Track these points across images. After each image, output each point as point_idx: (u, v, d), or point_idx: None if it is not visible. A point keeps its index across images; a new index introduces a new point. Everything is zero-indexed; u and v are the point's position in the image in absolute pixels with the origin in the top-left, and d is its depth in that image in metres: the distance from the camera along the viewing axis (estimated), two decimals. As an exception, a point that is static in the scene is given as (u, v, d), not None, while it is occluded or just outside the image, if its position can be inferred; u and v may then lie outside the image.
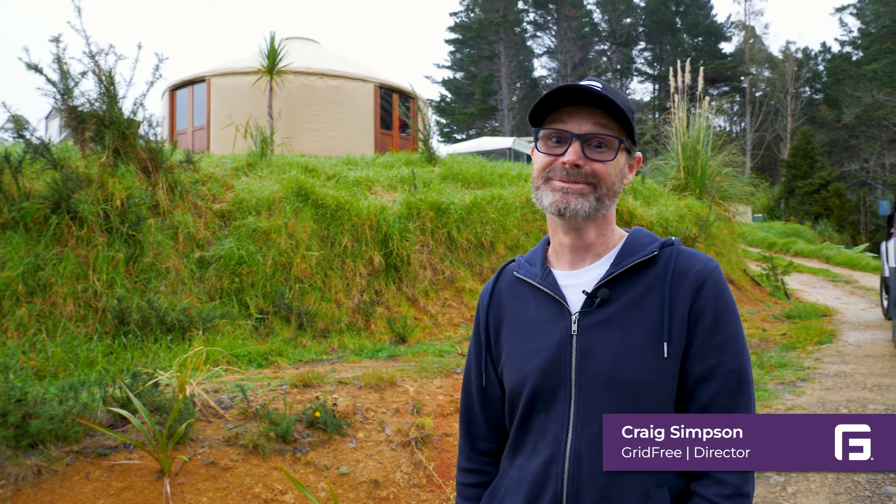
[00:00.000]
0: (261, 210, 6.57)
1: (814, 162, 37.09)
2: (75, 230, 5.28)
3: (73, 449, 3.19)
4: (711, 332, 1.25)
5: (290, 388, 4.20)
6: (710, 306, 1.26)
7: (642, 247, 1.34)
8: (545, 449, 1.28)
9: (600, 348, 1.26)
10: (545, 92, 1.34)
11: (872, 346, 8.27)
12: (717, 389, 1.22)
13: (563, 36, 51.47)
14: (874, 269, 18.31)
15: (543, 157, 1.34)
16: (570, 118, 1.31)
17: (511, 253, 8.09)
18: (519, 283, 1.44)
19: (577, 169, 1.30)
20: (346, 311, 6.40)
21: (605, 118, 1.31)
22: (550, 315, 1.34)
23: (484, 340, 1.46)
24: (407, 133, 15.51)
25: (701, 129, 12.55)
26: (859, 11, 47.90)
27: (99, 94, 5.92)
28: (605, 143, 1.31)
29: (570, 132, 1.30)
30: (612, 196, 1.34)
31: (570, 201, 1.30)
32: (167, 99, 14.92)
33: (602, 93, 1.28)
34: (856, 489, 3.87)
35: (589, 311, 1.30)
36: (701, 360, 1.24)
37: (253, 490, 3.35)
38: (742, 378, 1.24)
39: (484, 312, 1.48)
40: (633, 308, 1.28)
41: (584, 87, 1.28)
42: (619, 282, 1.31)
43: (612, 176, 1.32)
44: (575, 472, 1.23)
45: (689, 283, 1.27)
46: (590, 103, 1.30)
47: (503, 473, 1.40)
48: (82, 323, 4.93)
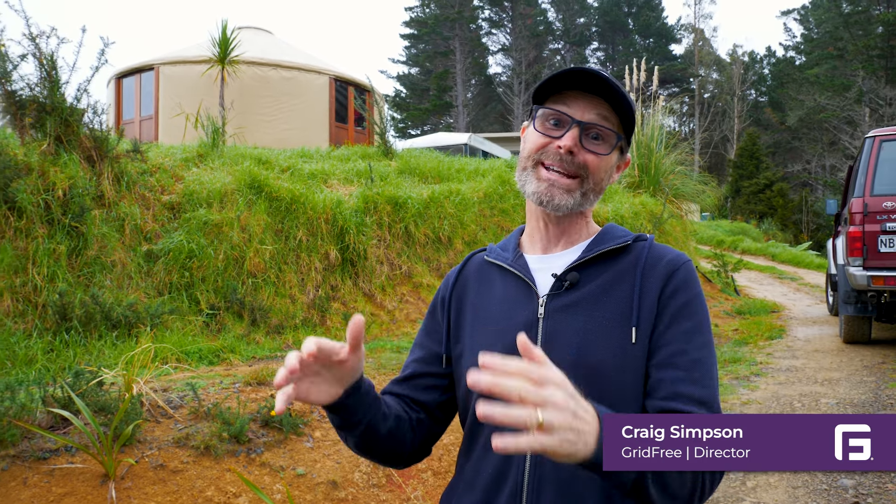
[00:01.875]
0: (212, 202, 6.36)
1: (759, 162, 38.17)
2: (13, 221, 5.00)
3: (9, 453, 2.99)
4: (679, 319, 1.20)
5: (243, 387, 4.04)
6: (681, 293, 1.22)
7: (616, 238, 1.30)
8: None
9: (566, 332, 1.21)
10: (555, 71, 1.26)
11: (820, 341, 8.48)
12: (681, 376, 1.16)
13: (518, 34, 51.74)
14: (818, 267, 18.89)
15: (538, 136, 1.27)
16: (575, 103, 1.25)
17: (468, 248, 8.03)
18: (488, 267, 1.38)
19: (570, 156, 1.24)
20: (300, 306, 6.24)
21: (608, 111, 1.25)
22: (518, 297, 1.29)
23: (445, 320, 1.39)
24: (362, 127, 15.32)
25: (655, 128, 12.71)
26: (803, 17, 49.41)
27: (40, 79, 5.63)
28: (603, 135, 1.26)
29: (571, 117, 1.24)
30: (597, 192, 1.29)
31: (555, 195, 1.25)
32: (113, 87, 14.43)
33: (612, 83, 1.23)
34: (813, 482, 3.91)
35: (557, 294, 1.25)
36: (666, 344, 1.18)
37: (205, 493, 3.20)
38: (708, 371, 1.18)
39: (447, 292, 1.41)
40: (602, 293, 1.23)
41: (595, 73, 1.22)
42: (590, 267, 1.26)
43: (602, 171, 1.27)
44: (537, 460, 1.17)
45: (660, 271, 1.23)
46: (596, 92, 1.24)
47: (459, 472, 1.32)
48: (20, 319, 4.68)
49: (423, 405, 1.38)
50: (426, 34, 50.56)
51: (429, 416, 1.38)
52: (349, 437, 1.25)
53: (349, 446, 1.30)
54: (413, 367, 1.41)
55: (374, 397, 1.24)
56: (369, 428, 1.23)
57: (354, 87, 15.05)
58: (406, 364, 1.44)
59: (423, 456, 1.42)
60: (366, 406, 1.21)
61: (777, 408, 5.44)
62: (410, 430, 1.34)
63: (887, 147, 7.24)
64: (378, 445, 1.28)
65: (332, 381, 1.14)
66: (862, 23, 39.58)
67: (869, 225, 6.96)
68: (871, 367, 6.82)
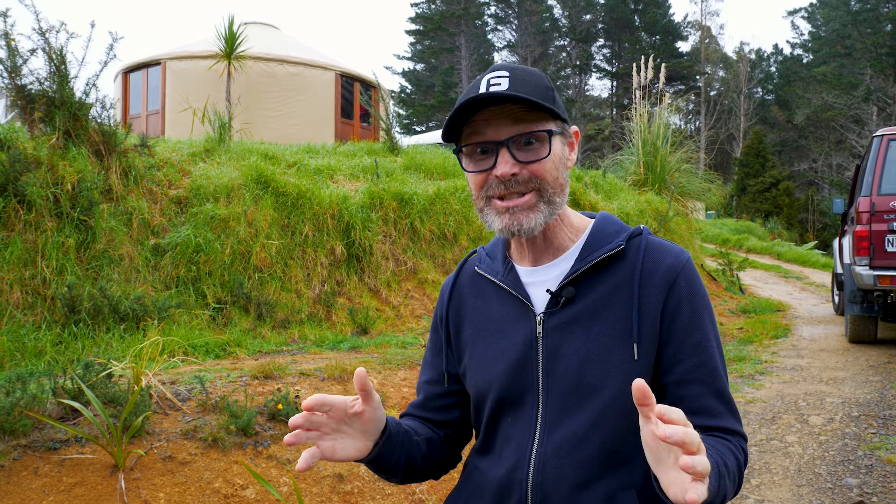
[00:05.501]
0: (219, 197, 6.38)
1: (765, 161, 38.00)
2: (23, 214, 5.03)
3: (20, 443, 3.02)
4: (690, 331, 1.18)
5: (250, 380, 4.06)
6: (686, 303, 1.19)
7: (609, 237, 1.25)
8: (510, 456, 1.22)
9: (567, 351, 1.19)
10: (450, 112, 1.17)
11: (826, 340, 8.46)
12: (703, 390, 1.16)
13: (524, 30, 51.62)
14: (823, 266, 18.83)
15: (475, 175, 1.21)
16: (487, 126, 1.18)
17: (473, 244, 8.04)
18: (481, 279, 1.36)
19: (514, 177, 1.17)
20: (306, 301, 6.26)
21: (523, 111, 1.17)
22: (514, 315, 1.27)
23: (444, 337, 1.39)
24: (368, 123, 15.32)
25: (661, 126, 12.68)
26: (810, 15, 49.19)
27: (49, 73, 5.66)
28: (533, 138, 1.18)
29: (492, 141, 1.17)
30: (560, 192, 1.22)
31: (522, 220, 1.18)
32: (120, 82, 14.47)
33: (506, 93, 1.13)
34: (817, 481, 3.92)
35: (554, 312, 1.22)
36: (681, 361, 1.17)
37: (213, 485, 3.22)
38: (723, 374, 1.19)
39: (444, 309, 1.40)
40: (600, 307, 1.20)
41: (481, 97, 1.14)
42: (586, 278, 1.22)
43: (554, 171, 1.20)
44: (539, 480, 1.16)
45: (659, 280, 1.19)
46: (500, 102, 1.16)
47: (469, 473, 1.33)
48: (30, 311, 4.71)
49: (446, 424, 1.41)
50: (432, 30, 50.47)
51: (455, 430, 1.42)
52: (392, 478, 1.30)
53: (393, 483, 1.36)
54: (426, 389, 1.43)
55: (403, 432, 1.28)
56: (408, 463, 1.28)
57: (360, 82, 15.06)
58: (419, 385, 1.46)
59: (457, 462, 1.46)
60: (398, 445, 1.25)
61: (781, 406, 5.44)
62: (442, 446, 1.39)
63: (895, 146, 7.22)
64: (418, 472, 1.34)
65: (357, 436, 1.16)
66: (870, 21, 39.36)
67: (876, 224, 6.95)
68: (876, 366, 6.81)
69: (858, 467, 4.10)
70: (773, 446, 4.53)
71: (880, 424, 4.91)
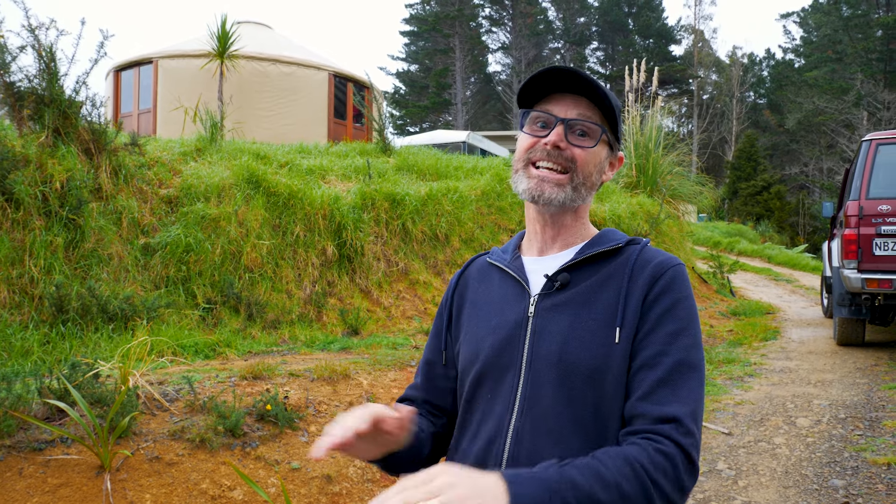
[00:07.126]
0: (210, 196, 6.36)
1: (757, 164, 38.19)
2: (11, 212, 5.00)
3: (5, 443, 3.00)
4: (664, 321, 1.20)
5: (239, 380, 4.05)
6: (666, 295, 1.22)
7: (610, 241, 1.34)
8: (488, 430, 1.26)
9: (552, 330, 1.25)
10: (536, 70, 1.34)
11: (814, 342, 8.51)
12: (660, 377, 1.16)
13: (518, 32, 51.68)
14: (813, 269, 18.92)
15: (527, 138, 1.35)
16: (557, 104, 1.33)
17: (465, 246, 8.04)
18: (488, 268, 1.46)
19: (557, 150, 1.30)
20: (297, 301, 6.25)
21: (590, 109, 1.32)
22: (511, 296, 1.35)
23: (446, 319, 1.48)
24: (361, 123, 15.31)
25: (653, 129, 12.72)
26: (802, 20, 49.42)
27: (38, 71, 5.63)
28: (587, 131, 1.31)
29: (556, 116, 1.31)
30: (588, 187, 1.33)
31: (545, 189, 1.30)
32: (111, 80, 14.40)
33: (593, 81, 1.29)
34: (804, 482, 3.93)
35: (548, 294, 1.29)
36: (648, 346, 1.19)
37: (200, 486, 3.21)
38: (689, 374, 1.17)
39: (449, 294, 1.50)
40: (591, 293, 1.26)
41: (576, 73, 1.29)
42: (582, 268, 1.30)
43: (591, 165, 1.32)
44: (514, 452, 1.21)
45: (649, 272, 1.25)
46: (579, 92, 1.32)
47: (450, 453, 1.39)
48: (17, 310, 4.68)
49: (443, 410, 1.48)
50: (426, 31, 50.47)
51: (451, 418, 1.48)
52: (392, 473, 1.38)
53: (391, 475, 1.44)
54: (424, 370, 1.52)
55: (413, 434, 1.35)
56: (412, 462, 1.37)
57: (353, 83, 15.04)
58: (419, 368, 1.55)
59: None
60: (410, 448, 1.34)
61: (770, 408, 5.47)
62: (443, 436, 1.47)
63: (884, 151, 7.26)
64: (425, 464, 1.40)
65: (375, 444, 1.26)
66: (861, 26, 39.63)
67: (864, 228, 6.98)
68: (863, 369, 6.85)
69: (844, 469, 4.12)
70: (760, 448, 4.54)
71: (867, 426, 4.94)
